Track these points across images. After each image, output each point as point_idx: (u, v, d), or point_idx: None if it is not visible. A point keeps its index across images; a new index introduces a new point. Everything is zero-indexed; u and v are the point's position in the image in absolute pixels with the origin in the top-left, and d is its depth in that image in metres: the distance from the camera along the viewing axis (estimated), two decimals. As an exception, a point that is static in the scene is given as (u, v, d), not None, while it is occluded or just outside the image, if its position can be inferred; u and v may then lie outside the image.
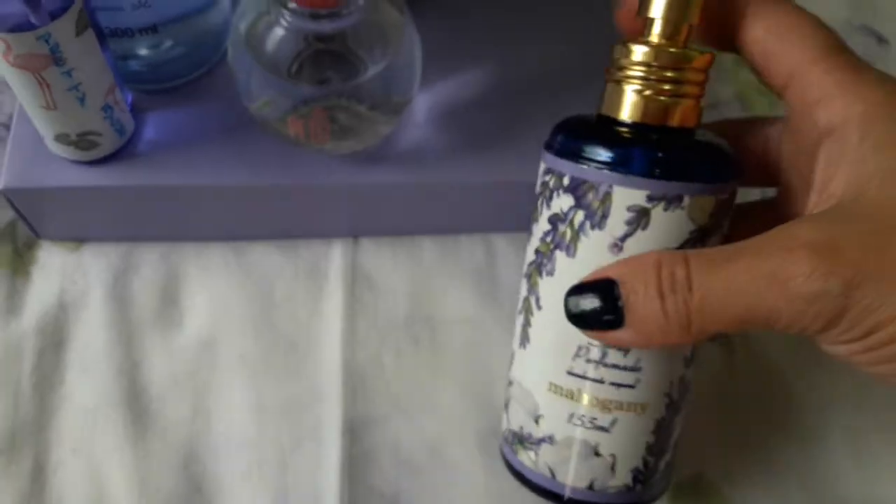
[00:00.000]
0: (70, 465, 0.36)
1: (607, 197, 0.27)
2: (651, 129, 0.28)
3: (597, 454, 0.29)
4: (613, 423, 0.29)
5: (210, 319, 0.40)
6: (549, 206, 0.29)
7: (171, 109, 0.39)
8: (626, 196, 0.27)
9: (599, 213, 0.27)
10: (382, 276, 0.41)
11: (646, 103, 0.27)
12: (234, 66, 0.35)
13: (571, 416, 0.29)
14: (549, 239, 0.29)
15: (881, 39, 0.50)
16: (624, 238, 0.27)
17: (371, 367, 0.39)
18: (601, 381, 0.29)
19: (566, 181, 0.28)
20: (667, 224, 0.27)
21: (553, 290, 0.29)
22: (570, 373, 0.29)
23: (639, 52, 0.27)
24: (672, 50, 0.27)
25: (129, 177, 0.38)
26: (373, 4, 0.33)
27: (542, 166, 0.30)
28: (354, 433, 0.38)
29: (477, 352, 0.40)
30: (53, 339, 0.39)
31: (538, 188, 0.30)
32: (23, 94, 0.34)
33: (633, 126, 0.28)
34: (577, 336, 0.28)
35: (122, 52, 0.38)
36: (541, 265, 0.30)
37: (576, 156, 0.28)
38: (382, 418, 0.38)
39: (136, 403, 0.38)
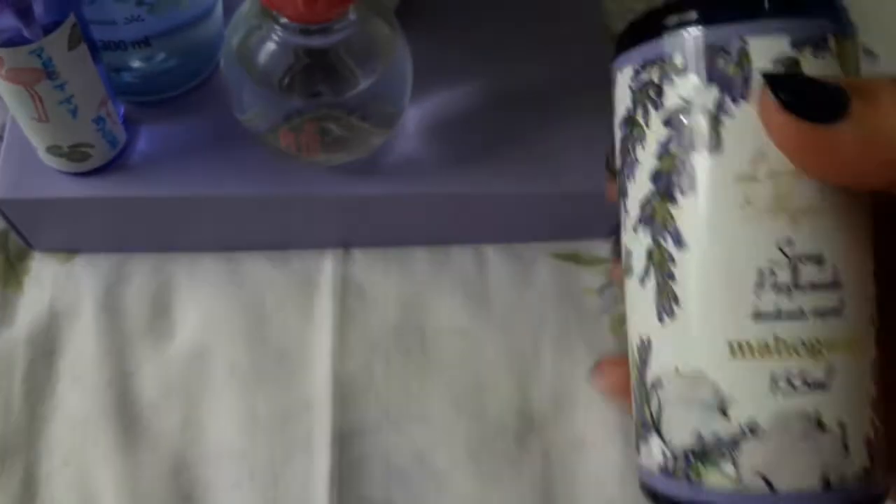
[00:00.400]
0: (61, 476, 0.37)
1: (743, 56, 0.21)
2: None
3: (821, 427, 0.21)
4: (830, 373, 0.21)
5: (201, 330, 0.40)
6: (657, 111, 0.22)
7: (163, 121, 0.40)
8: (765, 48, 0.21)
9: (739, 79, 0.21)
10: (373, 287, 0.41)
11: None
12: (227, 79, 0.36)
13: (775, 380, 0.21)
14: (673, 148, 0.22)
15: (869, 52, 0.50)
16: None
17: (361, 377, 0.39)
18: (801, 314, 0.21)
19: (678, 59, 0.22)
20: (820, 75, 0.21)
21: (699, 211, 0.22)
22: (756, 315, 0.21)
23: None
24: None
25: (121, 188, 0.38)
26: (363, 19, 0.34)
27: (622, 80, 0.24)
28: (344, 443, 0.38)
29: (467, 362, 0.40)
30: (45, 349, 0.39)
31: (622, 117, 0.24)
32: (15, 107, 0.34)
33: None
34: (754, 257, 0.21)
35: (114, 65, 0.38)
36: (668, 189, 0.22)
37: (679, 26, 0.22)
38: (372, 428, 0.38)
39: (126, 414, 0.38)
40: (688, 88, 0.22)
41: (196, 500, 0.37)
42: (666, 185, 0.22)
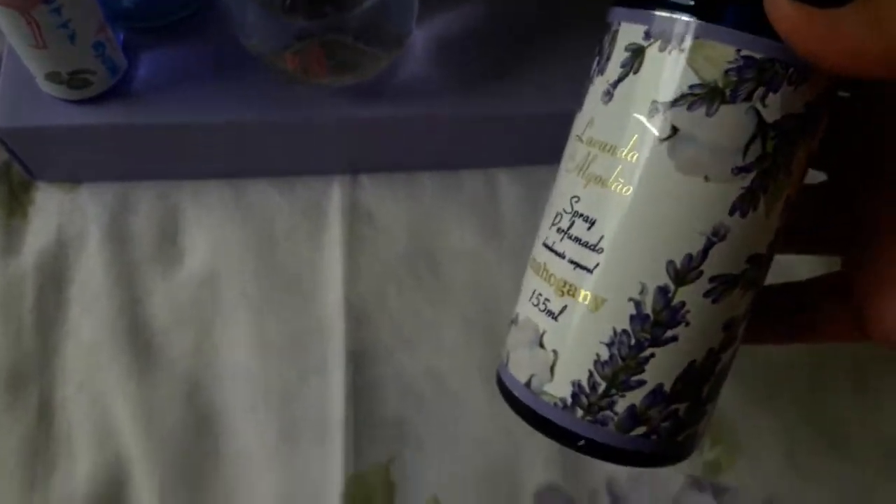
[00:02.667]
0: (76, 401, 0.37)
1: (614, 36, 0.24)
2: None
3: (541, 345, 0.25)
4: (563, 310, 0.25)
5: (210, 256, 0.40)
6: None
7: (163, 48, 0.39)
8: (627, 35, 0.24)
9: (605, 55, 0.25)
10: (382, 212, 0.41)
11: None
12: (230, 2, 0.35)
13: (532, 293, 0.26)
14: (583, 89, 0.26)
15: None
16: (616, 83, 0.24)
17: (373, 301, 0.39)
18: (562, 256, 0.25)
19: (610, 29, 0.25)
20: (660, 69, 0.23)
21: (566, 149, 0.27)
22: (544, 244, 0.26)
23: None
24: None
25: (122, 115, 0.37)
26: (368, -65, 0.33)
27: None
28: (358, 364, 0.38)
29: (479, 284, 0.40)
30: (54, 277, 0.39)
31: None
32: (12, 34, 0.33)
33: None
34: (558, 201, 0.26)
35: (111, -12, 0.37)
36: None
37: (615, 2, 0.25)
38: (386, 350, 0.39)
39: (139, 339, 0.38)
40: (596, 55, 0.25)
41: (212, 422, 0.37)
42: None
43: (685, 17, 0.22)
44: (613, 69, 0.24)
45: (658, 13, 0.23)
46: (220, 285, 0.39)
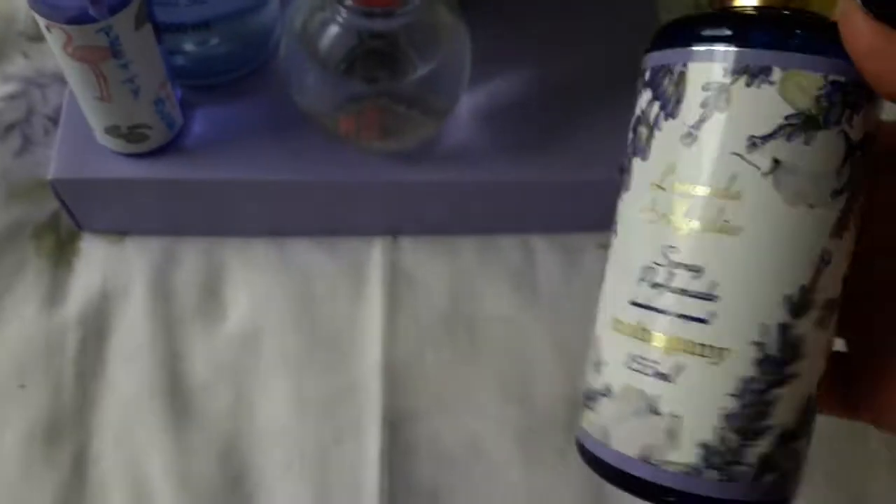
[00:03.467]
0: (111, 456, 0.37)
1: (681, 78, 0.24)
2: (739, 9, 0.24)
3: (655, 412, 0.24)
4: (678, 370, 0.23)
5: (251, 313, 0.40)
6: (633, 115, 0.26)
7: (217, 105, 0.40)
8: (700, 73, 0.23)
9: (674, 98, 0.24)
10: (422, 274, 0.42)
11: None
12: (287, 61, 0.36)
13: (631, 358, 0.24)
14: (629, 150, 0.26)
15: None
16: (698, 124, 0.23)
17: (411, 363, 0.39)
18: (664, 312, 0.24)
19: (647, 75, 0.25)
20: (752, 104, 0.23)
21: (626, 204, 0.25)
22: (633, 303, 0.24)
23: None
24: None
25: (175, 170, 0.38)
26: (428, 4, 0.34)
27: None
28: (394, 428, 0.38)
29: (515, 350, 0.40)
30: (96, 329, 0.39)
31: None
32: (78, 86, 0.34)
33: (720, 8, 0.24)
34: (643, 254, 0.24)
35: (169, 48, 0.38)
36: (620, 184, 0.26)
37: (654, 47, 0.25)
38: (422, 413, 0.38)
39: (177, 395, 0.38)
40: (643, 101, 0.25)
41: (246, 482, 0.37)
42: (620, 182, 0.26)
43: (768, 51, 0.22)
44: (691, 111, 0.23)
45: (737, 49, 0.23)
46: (259, 343, 0.40)
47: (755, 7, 0.24)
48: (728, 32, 0.23)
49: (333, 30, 0.34)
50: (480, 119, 0.41)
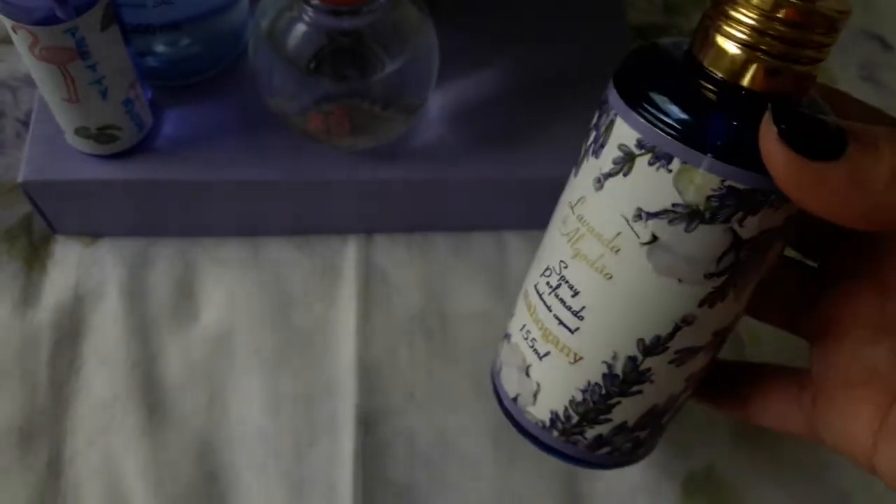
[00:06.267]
0: (86, 457, 0.37)
1: (610, 126, 0.25)
2: (708, 78, 0.23)
3: (527, 374, 0.30)
4: (546, 354, 0.29)
5: (226, 313, 0.40)
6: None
7: (188, 106, 0.40)
8: (621, 132, 0.24)
9: (602, 140, 0.25)
10: (396, 272, 0.42)
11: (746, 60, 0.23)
12: (256, 62, 0.36)
13: (524, 326, 0.30)
14: (581, 152, 0.27)
15: (886, 45, 0.51)
16: (607, 176, 0.25)
17: (385, 361, 0.40)
18: (549, 309, 0.28)
19: (603, 97, 0.26)
20: (647, 180, 0.24)
21: (560, 201, 0.29)
22: (536, 288, 0.29)
23: None
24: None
25: (146, 171, 0.38)
26: (394, 2, 0.34)
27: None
28: (369, 425, 0.38)
29: (489, 345, 0.40)
30: (70, 331, 0.39)
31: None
32: (46, 87, 0.34)
33: (698, 72, 0.24)
34: (550, 254, 0.28)
35: (139, 49, 0.38)
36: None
37: (615, 76, 0.26)
38: (396, 411, 0.38)
39: (151, 395, 0.38)
40: (594, 118, 0.27)
41: (221, 481, 0.37)
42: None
43: (675, 142, 0.23)
44: (606, 161, 0.25)
45: (651, 126, 0.23)
46: (234, 342, 0.40)
47: (720, 79, 0.23)
48: (652, 107, 0.23)
49: (300, 29, 0.34)
50: (451, 116, 0.41)
